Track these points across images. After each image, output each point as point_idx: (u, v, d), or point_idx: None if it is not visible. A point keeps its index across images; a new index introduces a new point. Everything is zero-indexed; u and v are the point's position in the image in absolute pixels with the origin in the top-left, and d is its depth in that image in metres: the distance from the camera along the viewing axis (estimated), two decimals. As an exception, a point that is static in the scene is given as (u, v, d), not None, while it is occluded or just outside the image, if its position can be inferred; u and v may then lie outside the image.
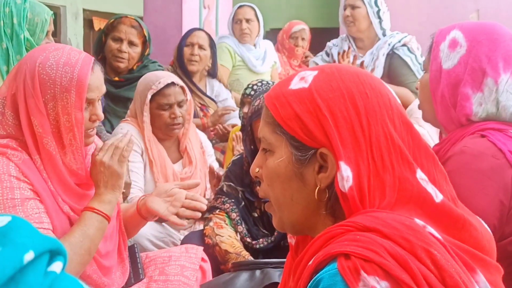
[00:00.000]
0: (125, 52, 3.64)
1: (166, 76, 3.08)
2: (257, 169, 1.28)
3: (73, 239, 1.93)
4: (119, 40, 3.64)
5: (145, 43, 3.73)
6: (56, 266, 0.78)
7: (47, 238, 0.78)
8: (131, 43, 3.66)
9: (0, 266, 0.72)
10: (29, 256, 0.75)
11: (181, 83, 3.11)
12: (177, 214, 2.26)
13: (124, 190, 2.73)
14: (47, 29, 2.95)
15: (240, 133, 3.43)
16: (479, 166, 1.76)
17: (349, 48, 4.09)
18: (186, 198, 2.28)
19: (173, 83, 3.05)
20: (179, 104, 3.07)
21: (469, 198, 1.70)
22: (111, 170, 2.02)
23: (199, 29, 4.64)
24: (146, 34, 3.71)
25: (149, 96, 3.00)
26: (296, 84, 1.21)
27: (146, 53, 3.77)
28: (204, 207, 2.32)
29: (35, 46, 2.85)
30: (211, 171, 3.16)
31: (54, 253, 0.79)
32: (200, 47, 4.26)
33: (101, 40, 3.76)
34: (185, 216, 2.28)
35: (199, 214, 2.33)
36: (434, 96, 1.90)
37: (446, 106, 1.88)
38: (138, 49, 3.71)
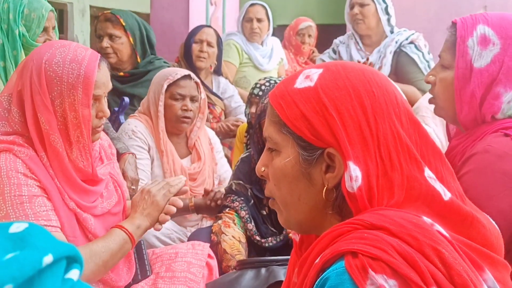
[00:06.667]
0: (108, 47, 3.56)
1: (183, 71, 3.15)
2: (262, 168, 1.27)
3: (95, 247, 1.96)
4: (99, 37, 3.61)
5: (127, 32, 3.60)
6: (73, 274, 0.78)
7: (64, 244, 0.77)
8: (110, 37, 3.58)
9: (19, 266, 0.71)
10: (48, 259, 0.74)
11: (196, 79, 3.15)
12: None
13: (133, 187, 2.74)
14: (43, 25, 2.91)
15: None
16: (503, 167, 1.74)
17: (367, 59, 4.03)
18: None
19: (189, 76, 3.10)
20: (192, 99, 3.09)
21: (491, 198, 1.69)
22: (154, 200, 2.12)
23: (207, 26, 4.64)
24: (123, 23, 3.58)
25: (165, 86, 3.03)
26: (301, 83, 1.20)
27: (136, 42, 3.64)
28: (181, 204, 2.22)
29: (30, 42, 2.85)
30: (206, 191, 3.01)
31: (71, 260, 0.79)
32: (209, 44, 4.28)
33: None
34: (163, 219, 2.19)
35: (174, 209, 2.20)
36: (461, 95, 1.84)
37: (474, 105, 1.83)
38: (122, 40, 3.59)
